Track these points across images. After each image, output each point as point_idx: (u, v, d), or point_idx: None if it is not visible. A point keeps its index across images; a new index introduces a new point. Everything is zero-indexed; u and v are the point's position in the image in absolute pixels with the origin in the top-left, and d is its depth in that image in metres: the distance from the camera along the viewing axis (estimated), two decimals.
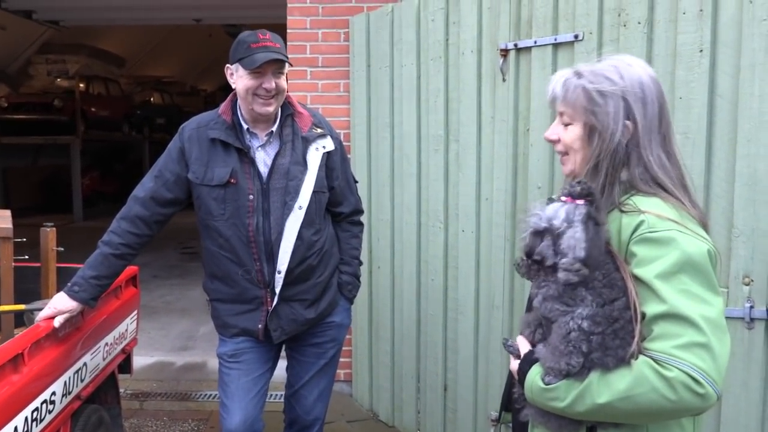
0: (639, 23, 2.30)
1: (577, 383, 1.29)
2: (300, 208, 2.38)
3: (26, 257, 2.98)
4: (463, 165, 3.13)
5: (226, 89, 2.36)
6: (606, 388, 1.26)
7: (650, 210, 1.32)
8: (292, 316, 2.47)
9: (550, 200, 1.41)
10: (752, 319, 2.04)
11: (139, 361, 4.58)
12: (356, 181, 2.74)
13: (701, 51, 2.13)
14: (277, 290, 2.40)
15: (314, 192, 2.41)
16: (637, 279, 1.29)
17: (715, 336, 1.23)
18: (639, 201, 1.35)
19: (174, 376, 4.73)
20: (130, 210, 2.41)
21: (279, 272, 2.38)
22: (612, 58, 1.44)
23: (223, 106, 2.42)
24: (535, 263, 1.36)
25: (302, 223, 2.38)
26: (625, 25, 2.35)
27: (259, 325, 2.44)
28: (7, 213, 2.79)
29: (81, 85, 13.86)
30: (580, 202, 1.32)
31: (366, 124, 3.88)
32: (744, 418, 2.09)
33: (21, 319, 2.73)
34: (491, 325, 3.03)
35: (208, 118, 2.44)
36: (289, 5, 4.14)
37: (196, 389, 4.47)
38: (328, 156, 2.48)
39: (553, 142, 1.48)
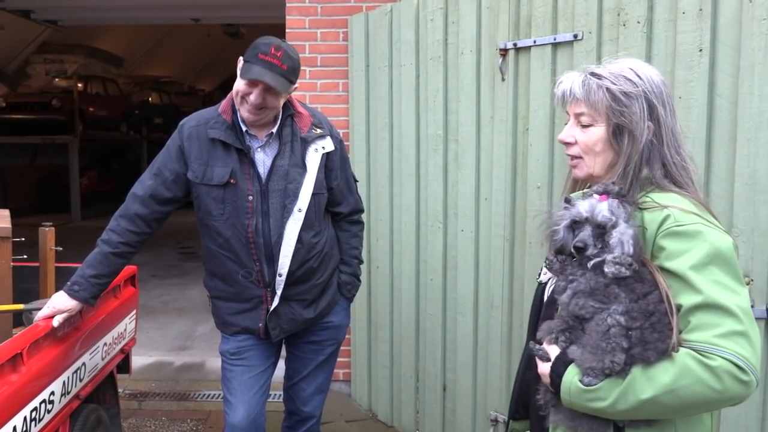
0: (638, 23, 2.30)
1: (619, 380, 1.28)
2: (299, 210, 2.37)
3: (25, 257, 2.97)
4: (462, 165, 3.13)
5: (224, 89, 2.36)
6: (649, 383, 1.25)
7: (673, 204, 1.34)
8: (291, 316, 2.47)
9: (567, 201, 1.41)
10: None
11: (137, 360, 4.57)
12: (356, 181, 2.73)
13: (701, 50, 2.13)
14: (279, 292, 2.40)
15: (313, 194, 2.40)
16: (667, 272, 1.30)
17: (751, 324, 1.25)
18: (657, 197, 1.37)
19: (172, 376, 4.73)
20: (128, 208, 2.40)
21: (280, 275, 2.38)
22: (620, 61, 1.45)
23: (224, 105, 2.40)
24: (576, 253, 1.35)
25: (302, 225, 2.38)
26: (624, 25, 2.34)
27: (260, 324, 2.45)
28: (6, 213, 2.78)
29: (79, 84, 13.85)
30: (616, 200, 1.33)
31: (365, 123, 3.88)
32: (744, 419, 2.09)
33: (20, 319, 2.72)
34: (490, 325, 3.03)
35: (208, 116, 2.42)
36: (287, 5, 4.14)
37: (194, 389, 4.46)
38: (327, 156, 2.47)
39: (568, 145, 1.47)
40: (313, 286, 2.49)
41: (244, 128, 2.37)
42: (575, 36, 2.52)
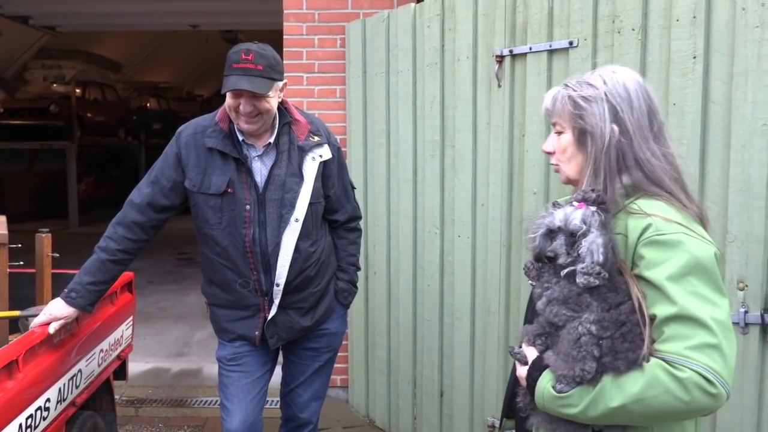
0: (633, 30, 2.31)
1: (590, 388, 1.30)
2: (296, 220, 2.37)
3: (21, 263, 2.97)
4: (459, 170, 3.14)
5: (222, 95, 2.35)
6: (619, 392, 1.27)
7: (656, 213, 1.33)
8: (289, 324, 2.47)
9: (555, 205, 1.43)
10: (747, 324, 2.05)
11: (134, 367, 4.55)
12: (354, 187, 2.73)
13: (695, 57, 2.14)
14: (276, 301, 2.40)
15: (310, 204, 2.40)
16: (645, 281, 1.30)
17: (725, 337, 1.25)
18: (644, 204, 1.36)
19: (169, 383, 4.72)
20: (126, 216, 2.40)
21: (278, 285, 2.38)
22: (600, 68, 1.49)
23: (220, 113, 2.40)
24: (548, 261, 1.37)
25: (299, 235, 2.38)
26: (619, 32, 2.36)
27: (256, 332, 2.44)
28: (3, 219, 2.78)
29: (77, 90, 13.86)
30: (593, 208, 1.34)
31: (362, 129, 3.89)
32: (739, 424, 2.09)
33: (16, 326, 2.72)
34: (487, 330, 3.03)
35: (205, 123, 2.41)
36: (285, 11, 4.15)
37: (191, 395, 4.46)
38: (324, 164, 2.46)
39: (550, 154, 1.52)
40: (310, 294, 2.49)
41: (240, 137, 2.37)
42: (571, 43, 2.53)
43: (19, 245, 2.88)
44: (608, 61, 2.40)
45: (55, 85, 14.32)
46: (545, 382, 1.36)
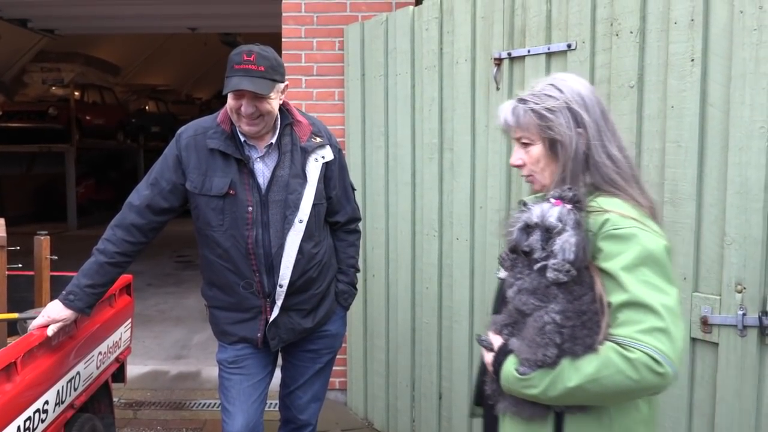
0: (631, 32, 2.32)
1: (550, 371, 1.40)
2: (300, 221, 2.37)
3: (20, 266, 2.97)
4: (458, 173, 3.15)
5: (222, 97, 2.35)
6: (576, 373, 1.38)
7: (613, 209, 1.45)
8: (290, 326, 2.47)
9: (523, 203, 1.54)
10: (745, 327, 2.05)
11: (133, 369, 4.56)
12: (354, 189, 2.73)
13: (693, 60, 2.14)
14: (279, 302, 2.40)
15: (314, 205, 2.40)
16: (604, 272, 1.41)
17: (672, 322, 1.36)
18: (602, 201, 1.47)
19: (168, 385, 4.71)
20: (125, 218, 2.39)
21: (281, 286, 2.38)
22: (547, 78, 1.59)
23: (222, 115, 2.40)
24: (523, 254, 1.46)
25: (303, 236, 2.37)
26: (617, 35, 2.36)
27: (258, 334, 2.44)
28: (1, 221, 2.78)
29: (76, 93, 13.85)
30: (569, 206, 1.43)
31: (360, 132, 3.89)
32: (737, 427, 2.09)
33: (14, 328, 2.72)
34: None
35: (206, 125, 2.41)
36: (284, 14, 4.16)
37: (190, 398, 4.45)
38: (326, 166, 2.47)
39: (519, 167, 1.60)
40: (312, 295, 2.49)
41: (242, 138, 2.37)
42: (569, 46, 2.53)
43: (18, 248, 2.88)
44: (607, 64, 2.41)
45: (53, 88, 14.31)
46: (509, 366, 1.46)
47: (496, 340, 1.53)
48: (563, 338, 1.40)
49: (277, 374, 2.66)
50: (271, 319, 2.42)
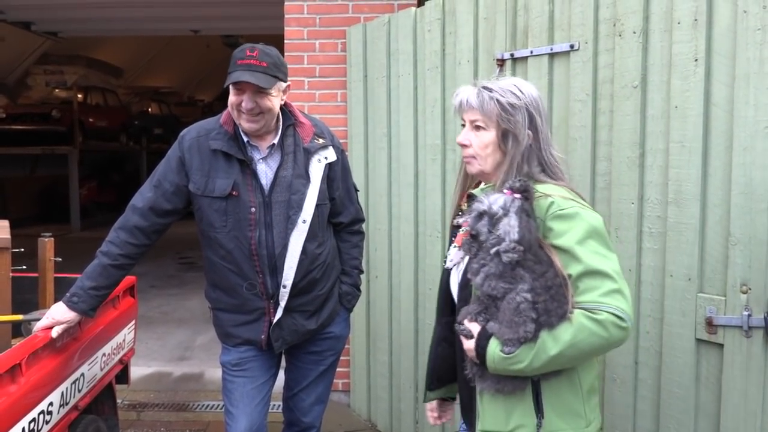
0: (634, 33, 2.31)
1: (532, 345, 1.56)
2: (304, 222, 2.37)
3: (24, 267, 2.97)
4: None
5: (224, 99, 2.35)
6: (555, 342, 1.55)
7: (554, 193, 1.65)
8: (294, 327, 2.46)
9: (470, 196, 1.72)
10: (750, 328, 2.04)
11: (136, 371, 4.56)
12: (357, 190, 2.73)
13: (696, 60, 2.14)
14: (282, 303, 2.40)
15: (317, 205, 2.40)
16: (558, 248, 1.59)
17: (623, 282, 1.57)
18: (541, 188, 1.66)
19: (171, 387, 4.72)
20: (128, 220, 2.39)
21: (284, 287, 2.37)
22: (508, 78, 1.78)
23: (225, 116, 2.40)
24: (473, 239, 1.62)
25: (306, 237, 2.37)
26: (620, 35, 2.36)
27: (262, 336, 2.44)
28: (5, 223, 2.79)
29: (79, 95, 13.89)
30: (518, 195, 1.60)
31: (363, 133, 3.89)
32: (743, 428, 2.08)
33: (19, 330, 2.73)
34: None
35: (209, 127, 2.41)
36: (286, 16, 4.16)
37: (193, 399, 4.45)
38: (329, 166, 2.47)
39: (464, 147, 1.77)
40: (315, 297, 2.49)
41: (245, 139, 2.37)
42: (572, 46, 2.53)
43: (22, 249, 2.89)
44: (610, 64, 2.40)
45: (57, 90, 14.37)
46: (494, 348, 1.60)
47: (475, 328, 1.65)
48: (538, 313, 1.55)
49: (281, 376, 2.66)
50: (275, 321, 2.41)
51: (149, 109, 17.40)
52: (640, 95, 2.31)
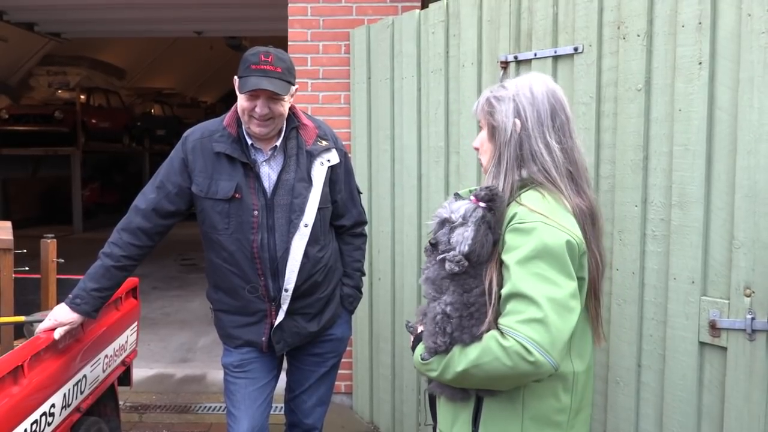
0: (638, 36, 2.31)
1: (444, 356, 1.57)
2: (306, 225, 2.36)
3: (26, 268, 2.98)
4: (464, 177, 3.14)
5: (227, 101, 2.37)
6: (463, 358, 1.52)
7: (526, 203, 1.55)
8: (295, 329, 2.46)
9: (457, 196, 1.66)
10: (754, 331, 2.04)
11: (138, 373, 4.56)
12: (360, 192, 2.73)
13: (700, 63, 2.14)
14: (284, 306, 2.39)
15: (319, 208, 2.39)
16: (503, 264, 1.53)
17: (555, 313, 1.44)
18: (525, 195, 1.58)
19: (173, 389, 4.71)
20: (131, 221, 2.39)
21: (286, 290, 2.37)
22: (528, 74, 1.71)
23: (228, 118, 2.40)
24: (432, 248, 1.60)
25: (308, 240, 2.37)
26: (624, 38, 2.36)
27: (263, 338, 2.44)
28: (8, 224, 2.79)
29: (82, 96, 13.90)
30: (483, 205, 1.54)
31: (366, 135, 3.89)
32: (746, 431, 2.08)
33: (21, 331, 2.73)
34: None
35: (212, 128, 2.41)
36: (290, 18, 4.17)
37: (195, 401, 4.45)
38: (332, 169, 2.46)
39: (477, 150, 1.74)
40: (317, 299, 2.49)
41: (249, 141, 2.37)
42: (576, 49, 2.53)
43: (24, 251, 2.89)
44: (614, 67, 2.40)
45: (59, 91, 14.38)
46: (418, 351, 1.65)
47: (419, 328, 1.69)
48: (452, 328, 1.54)
49: (283, 378, 2.66)
50: (276, 323, 2.41)
51: (152, 111, 17.42)
52: (644, 98, 2.30)
